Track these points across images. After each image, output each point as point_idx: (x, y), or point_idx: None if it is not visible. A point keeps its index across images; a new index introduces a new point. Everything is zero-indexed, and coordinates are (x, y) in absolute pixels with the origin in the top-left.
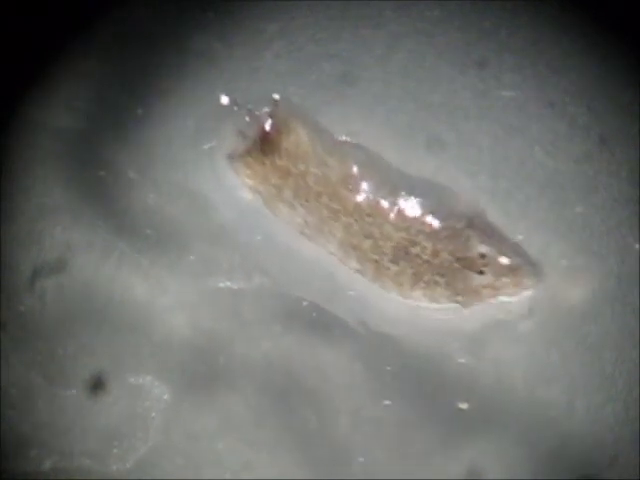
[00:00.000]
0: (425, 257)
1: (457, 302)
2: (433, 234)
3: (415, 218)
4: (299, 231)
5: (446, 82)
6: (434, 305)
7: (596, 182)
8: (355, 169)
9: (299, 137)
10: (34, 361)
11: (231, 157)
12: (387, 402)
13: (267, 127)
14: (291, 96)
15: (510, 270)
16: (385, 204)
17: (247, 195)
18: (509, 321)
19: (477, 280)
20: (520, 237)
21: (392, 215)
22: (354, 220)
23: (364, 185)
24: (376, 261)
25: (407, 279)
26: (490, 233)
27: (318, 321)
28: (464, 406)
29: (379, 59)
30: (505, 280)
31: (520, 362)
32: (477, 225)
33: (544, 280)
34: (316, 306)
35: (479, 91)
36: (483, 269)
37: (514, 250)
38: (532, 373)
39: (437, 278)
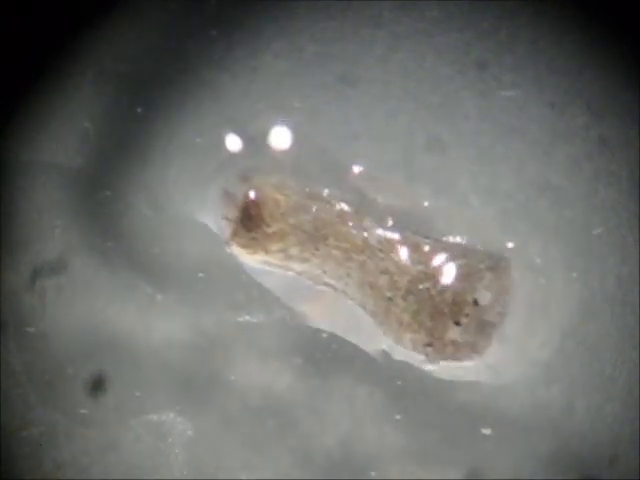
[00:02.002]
0: (432, 292)
1: (425, 354)
2: (448, 270)
3: (430, 252)
4: (320, 283)
5: (446, 82)
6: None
7: (596, 182)
8: (345, 206)
9: (275, 197)
10: (34, 367)
11: (226, 243)
12: (398, 417)
13: (246, 203)
14: (290, 98)
15: (479, 330)
16: (394, 238)
17: (258, 265)
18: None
19: (450, 332)
20: (511, 245)
21: (405, 248)
22: (367, 257)
23: (364, 221)
24: (389, 299)
25: (408, 317)
26: (503, 284)
27: (339, 352)
28: (487, 431)
29: (379, 59)
30: (468, 339)
31: (519, 363)
32: (497, 270)
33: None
34: (336, 337)
35: (479, 91)
36: (462, 319)
37: (500, 312)
38: (532, 374)
39: (427, 321)
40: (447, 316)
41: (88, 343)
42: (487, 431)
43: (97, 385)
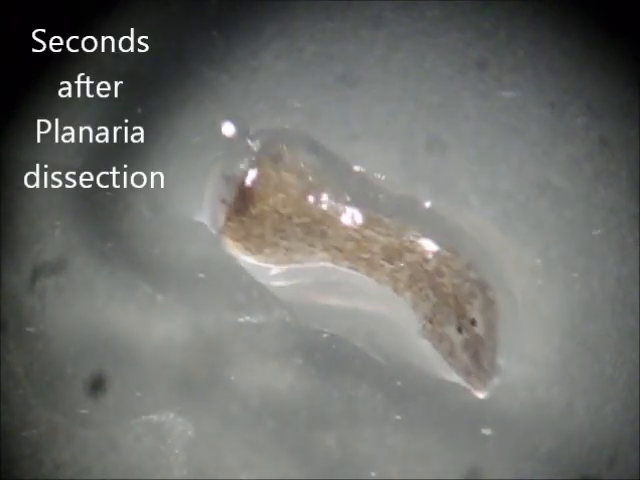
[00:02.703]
0: (427, 267)
1: (423, 327)
2: (426, 245)
3: (397, 229)
4: (287, 262)
5: (446, 82)
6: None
7: (596, 182)
8: (311, 178)
9: (269, 175)
10: (34, 367)
11: (219, 232)
12: (398, 417)
13: (246, 183)
14: (290, 98)
15: (475, 362)
16: (354, 211)
17: (240, 255)
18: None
19: (450, 329)
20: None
21: (365, 221)
22: (327, 227)
23: (325, 194)
24: (367, 259)
25: (404, 277)
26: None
27: (339, 352)
28: (487, 431)
29: (379, 59)
30: (463, 357)
31: (519, 364)
32: (485, 291)
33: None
34: (335, 338)
35: (479, 91)
36: (463, 330)
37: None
38: (532, 374)
39: (429, 292)
40: (452, 309)
41: (88, 343)
42: (487, 431)
43: (97, 385)
